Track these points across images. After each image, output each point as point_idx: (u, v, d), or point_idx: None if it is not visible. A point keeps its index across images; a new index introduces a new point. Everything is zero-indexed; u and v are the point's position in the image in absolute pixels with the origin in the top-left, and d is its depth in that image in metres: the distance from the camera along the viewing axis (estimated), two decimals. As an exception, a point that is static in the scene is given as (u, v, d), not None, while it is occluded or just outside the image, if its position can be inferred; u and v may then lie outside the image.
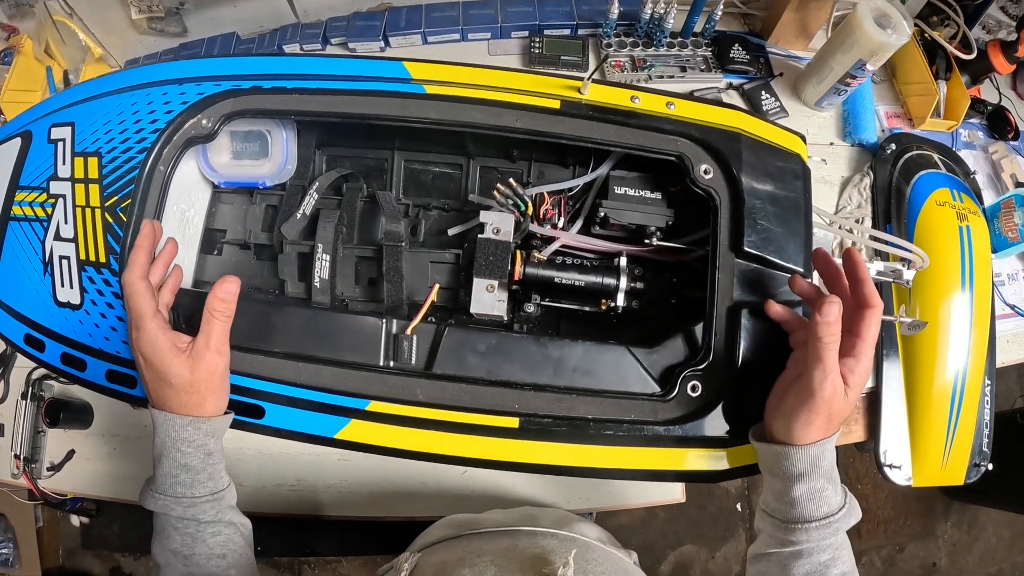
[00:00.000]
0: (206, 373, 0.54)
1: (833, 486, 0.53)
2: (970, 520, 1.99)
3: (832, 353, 0.50)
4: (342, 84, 0.64)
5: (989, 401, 0.87)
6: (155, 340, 0.53)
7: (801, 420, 0.51)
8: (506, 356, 0.60)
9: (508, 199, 0.66)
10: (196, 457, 0.54)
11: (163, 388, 0.54)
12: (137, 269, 0.55)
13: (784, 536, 0.53)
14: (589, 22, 0.98)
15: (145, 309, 0.53)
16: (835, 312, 0.50)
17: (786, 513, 0.53)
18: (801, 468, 0.52)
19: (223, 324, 0.55)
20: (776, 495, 0.54)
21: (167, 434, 0.54)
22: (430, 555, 0.55)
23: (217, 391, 0.55)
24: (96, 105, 0.68)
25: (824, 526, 0.51)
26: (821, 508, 0.52)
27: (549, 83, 0.66)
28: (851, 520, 0.53)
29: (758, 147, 0.66)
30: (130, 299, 0.54)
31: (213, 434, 0.56)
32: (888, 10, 0.85)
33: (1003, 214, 0.92)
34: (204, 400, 0.54)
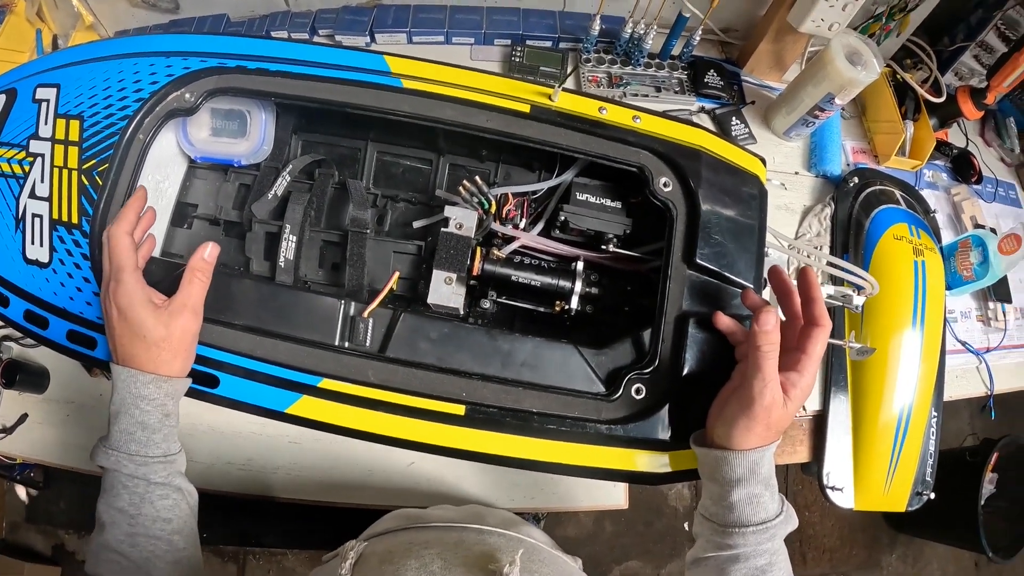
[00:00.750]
0: (180, 331, 0.55)
1: (771, 493, 0.54)
2: (915, 554, 2.02)
3: (771, 362, 0.52)
4: (324, 71, 0.66)
5: (935, 432, 0.89)
6: (134, 292, 0.54)
7: (740, 426, 0.53)
8: (458, 345, 0.62)
9: (473, 196, 0.68)
10: (154, 416, 0.55)
11: (134, 343, 0.54)
12: (125, 224, 0.56)
13: (722, 540, 0.54)
14: (571, 36, 1.01)
15: (127, 262, 0.55)
16: (772, 321, 0.52)
17: (724, 517, 0.54)
18: (740, 473, 0.53)
19: (203, 284, 0.57)
20: (714, 500, 0.55)
21: (128, 390, 0.54)
22: (376, 544, 0.55)
23: (186, 352, 0.57)
24: (84, 70, 0.69)
25: (761, 531, 0.52)
26: (759, 513, 0.53)
27: (522, 88, 0.68)
28: (788, 527, 0.54)
29: (717, 165, 0.69)
30: (114, 250, 0.55)
31: (173, 395, 0.56)
32: (860, 48, 0.89)
33: (960, 253, 0.95)
34: (174, 358, 0.55)
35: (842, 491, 0.87)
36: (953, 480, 1.50)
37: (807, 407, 0.89)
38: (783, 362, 0.54)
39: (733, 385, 0.58)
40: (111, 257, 0.56)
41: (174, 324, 0.55)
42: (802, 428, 0.90)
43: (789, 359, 0.54)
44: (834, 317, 0.92)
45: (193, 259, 0.57)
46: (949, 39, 1.04)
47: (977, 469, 1.51)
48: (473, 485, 0.85)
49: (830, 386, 0.89)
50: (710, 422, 0.58)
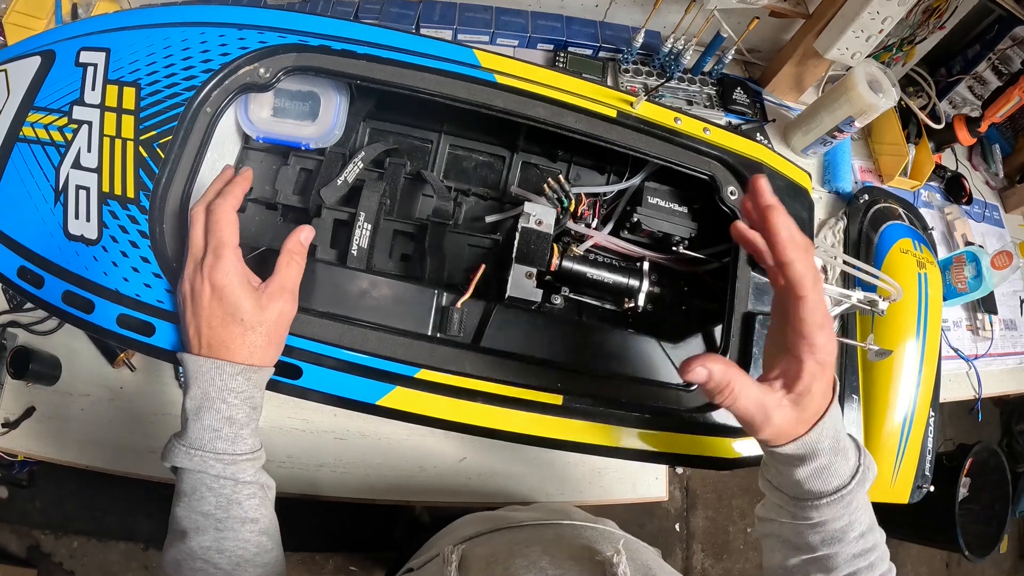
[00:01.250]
0: (277, 315, 0.53)
1: (842, 456, 0.48)
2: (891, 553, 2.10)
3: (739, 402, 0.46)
4: (412, 59, 0.65)
5: (932, 431, 0.97)
6: (233, 270, 0.51)
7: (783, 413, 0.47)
8: (550, 337, 0.63)
9: (555, 194, 0.69)
10: (242, 410, 0.52)
11: (228, 326, 0.51)
12: (233, 200, 0.54)
13: (794, 510, 0.50)
14: (611, 47, 1.04)
15: (230, 239, 0.52)
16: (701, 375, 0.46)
17: (792, 490, 0.50)
18: (801, 453, 0.48)
19: (300, 267, 0.55)
20: (780, 471, 0.50)
21: (213, 383, 0.50)
22: (475, 547, 0.53)
23: (280, 338, 0.54)
24: (139, 35, 0.64)
25: (836, 500, 0.48)
26: (831, 482, 0.48)
27: (606, 93, 0.70)
28: (866, 483, 0.49)
29: (776, 177, 0.73)
30: (218, 225, 0.52)
31: (260, 386, 0.53)
32: (880, 77, 0.96)
33: (954, 267, 1.04)
34: (268, 344, 0.53)
35: (853, 485, 0.93)
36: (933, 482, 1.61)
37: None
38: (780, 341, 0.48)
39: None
40: (213, 232, 0.52)
41: (272, 307, 0.52)
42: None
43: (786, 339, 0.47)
44: (847, 322, 0.98)
45: (290, 241, 0.55)
46: (947, 70, 1.14)
47: (953, 473, 1.63)
48: (523, 480, 0.86)
49: (844, 386, 0.95)
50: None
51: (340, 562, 1.48)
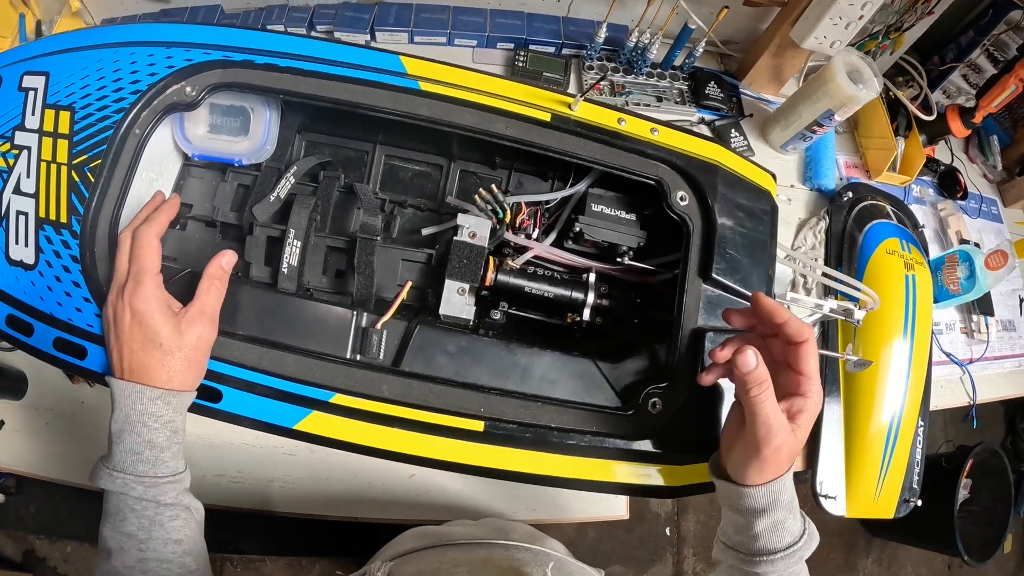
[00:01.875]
0: (196, 339, 0.53)
1: (793, 515, 0.53)
2: (890, 557, 2.07)
3: (766, 404, 0.49)
4: (336, 70, 0.64)
5: (921, 441, 0.92)
6: (152, 296, 0.52)
7: (753, 467, 0.51)
8: (475, 359, 0.60)
9: (488, 205, 0.67)
10: (163, 434, 0.52)
11: (148, 351, 0.51)
12: (156, 227, 0.55)
13: (748, 568, 0.53)
14: (574, 43, 1.00)
15: (150, 265, 0.53)
16: (750, 361, 0.48)
17: (748, 547, 0.53)
18: (762, 504, 0.51)
19: (220, 292, 0.55)
20: (737, 529, 0.54)
21: (133, 407, 0.51)
22: (403, 565, 0.54)
23: (200, 363, 0.54)
24: (75, 58, 0.64)
25: (788, 555, 0.51)
26: (784, 539, 0.52)
27: (541, 95, 0.67)
28: (812, 545, 0.53)
29: (732, 180, 0.69)
30: (140, 252, 0.53)
31: (181, 410, 0.54)
32: (861, 66, 0.90)
33: (947, 267, 0.98)
34: (187, 369, 0.53)
35: (835, 499, 0.89)
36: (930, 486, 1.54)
37: (802, 418, 0.90)
38: (783, 385, 0.52)
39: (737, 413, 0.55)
40: (135, 258, 0.53)
41: (191, 332, 0.53)
42: (797, 439, 0.91)
43: (789, 382, 0.52)
44: (828, 331, 0.93)
45: (211, 266, 0.55)
46: (939, 58, 1.07)
47: (953, 475, 1.56)
48: (475, 497, 0.84)
49: (824, 396, 0.90)
50: (723, 453, 0.57)
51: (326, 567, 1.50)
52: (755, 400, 0.49)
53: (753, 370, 0.49)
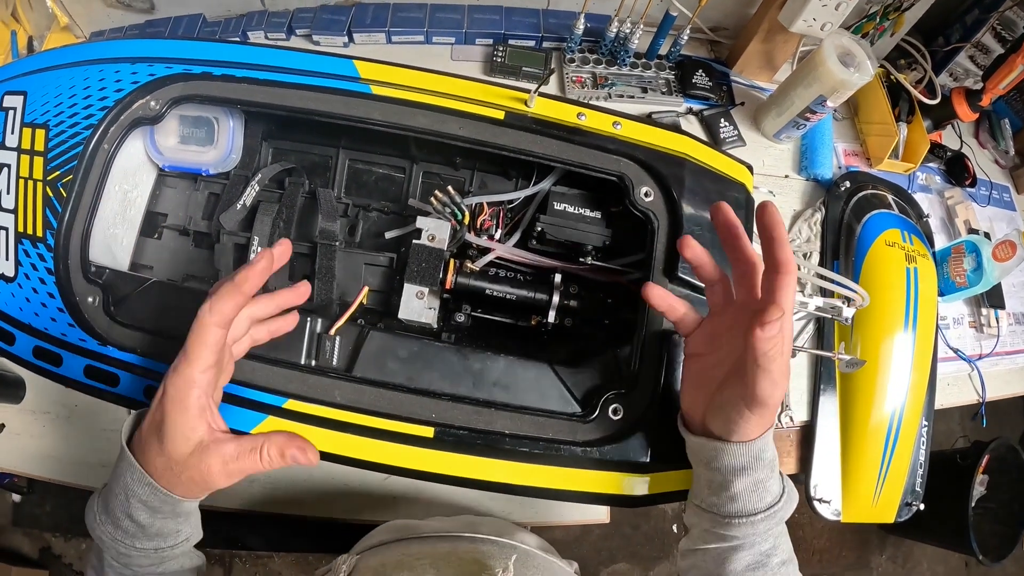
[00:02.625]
0: (198, 473, 0.46)
1: (774, 473, 0.50)
2: (905, 554, 2.01)
3: (779, 361, 0.44)
4: (291, 77, 0.64)
5: (925, 442, 0.88)
6: (187, 391, 0.45)
7: (749, 423, 0.47)
8: (427, 364, 0.60)
9: (445, 207, 0.66)
10: (146, 516, 0.47)
11: (153, 436, 0.46)
12: (219, 311, 0.45)
13: (724, 531, 0.50)
14: (554, 36, 0.98)
15: (200, 356, 0.45)
16: (777, 328, 0.43)
17: (725, 508, 0.49)
18: (744, 462, 0.48)
19: (259, 468, 0.48)
20: (713, 489, 0.50)
21: (124, 479, 0.46)
22: (369, 557, 0.54)
23: (194, 491, 0.48)
24: (50, 76, 0.67)
25: (768, 516, 0.48)
26: (764, 499, 0.48)
27: (496, 93, 0.66)
28: (791, 506, 0.50)
29: (702, 173, 0.67)
30: (191, 336, 0.45)
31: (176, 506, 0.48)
32: (853, 49, 0.86)
33: (953, 259, 0.93)
34: (174, 486, 0.46)
35: (829, 503, 0.86)
36: (944, 482, 1.48)
37: (794, 418, 0.87)
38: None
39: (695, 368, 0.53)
40: (188, 339, 0.45)
41: (198, 461, 0.46)
42: (790, 439, 0.88)
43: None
44: (824, 326, 0.90)
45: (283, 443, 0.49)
46: (944, 39, 1.01)
47: (968, 471, 1.49)
48: (451, 494, 0.83)
49: (818, 396, 0.87)
50: (691, 409, 0.54)
51: (337, 558, 1.52)
52: (770, 359, 0.44)
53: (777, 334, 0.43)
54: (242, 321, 0.53)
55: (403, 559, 0.50)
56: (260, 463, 0.48)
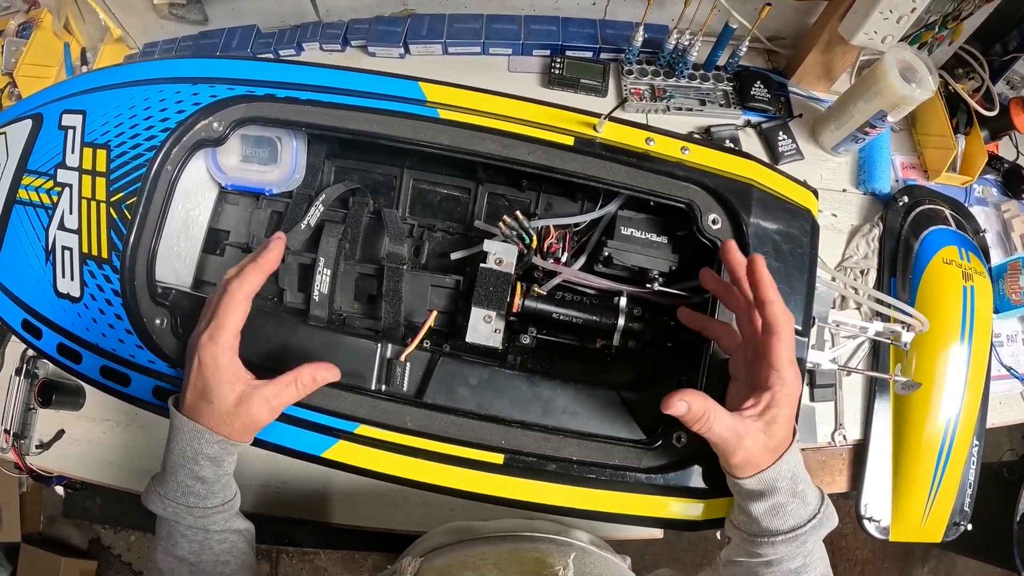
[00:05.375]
0: (248, 418, 0.52)
1: (799, 500, 0.52)
2: (947, 568, 1.99)
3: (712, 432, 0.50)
4: (355, 100, 0.64)
5: (975, 461, 0.87)
6: (221, 357, 0.52)
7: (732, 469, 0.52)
8: (497, 391, 0.60)
9: (513, 231, 0.66)
10: (211, 470, 0.53)
11: (200, 403, 0.52)
12: (247, 286, 0.54)
13: (751, 548, 0.53)
14: (612, 47, 0.97)
15: (230, 324, 0.52)
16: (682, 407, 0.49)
17: (750, 528, 0.53)
18: (758, 490, 0.51)
19: (298, 396, 0.54)
20: (741, 509, 0.54)
21: (189, 444, 0.52)
22: (433, 559, 0.55)
23: (249, 432, 0.54)
24: (110, 96, 0.67)
25: (791, 539, 0.51)
26: (787, 522, 0.51)
27: (564, 117, 0.65)
28: (823, 530, 0.52)
29: (769, 200, 0.66)
30: (225, 307, 0.52)
31: (233, 452, 0.55)
32: (915, 63, 0.84)
33: (1009, 275, 0.92)
34: (231, 433, 0.53)
35: (879, 522, 0.86)
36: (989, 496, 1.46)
37: (847, 436, 0.87)
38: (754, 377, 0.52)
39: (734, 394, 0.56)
40: (217, 312, 0.53)
41: (246, 408, 0.52)
42: (842, 458, 0.88)
43: (759, 372, 0.51)
44: (879, 346, 0.89)
45: (305, 368, 0.54)
46: (1002, 47, 0.99)
47: (1015, 485, 1.47)
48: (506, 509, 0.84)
49: (872, 416, 0.86)
50: None
51: (379, 561, 1.55)
52: (701, 432, 0.50)
53: (686, 414, 0.49)
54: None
55: (467, 559, 0.52)
56: (297, 392, 0.54)
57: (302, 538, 1.44)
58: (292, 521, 0.84)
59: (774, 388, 0.50)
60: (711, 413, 0.49)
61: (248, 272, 0.54)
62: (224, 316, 0.52)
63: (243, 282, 0.54)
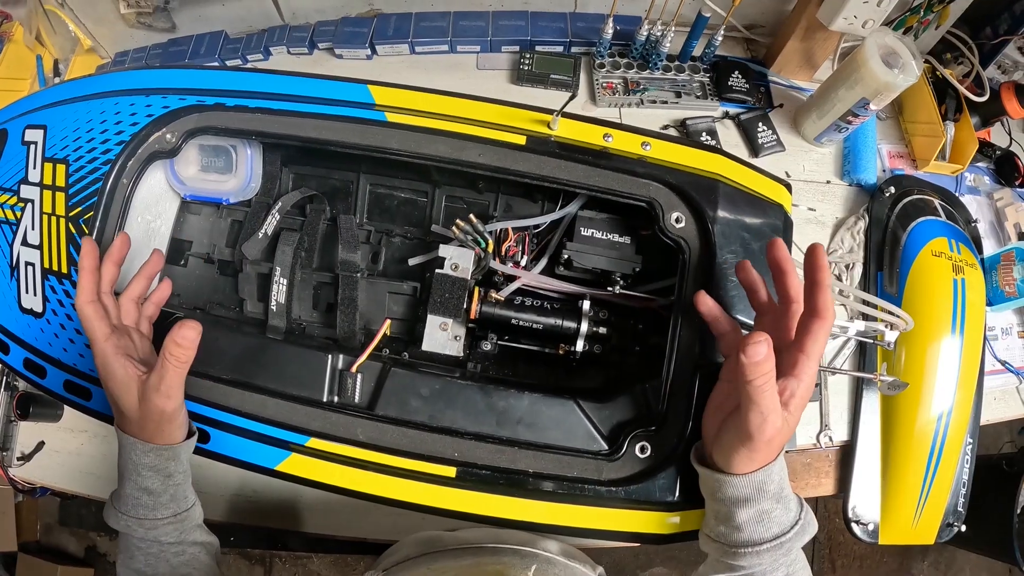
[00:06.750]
0: (154, 411, 0.52)
1: (783, 505, 0.50)
2: (947, 561, 1.95)
3: (767, 394, 0.46)
4: (304, 106, 0.63)
5: (969, 460, 0.84)
6: (106, 365, 0.52)
7: (741, 456, 0.49)
8: (449, 402, 0.59)
9: (468, 235, 0.64)
10: (156, 480, 0.53)
11: (119, 414, 0.53)
12: (83, 293, 0.53)
13: (732, 561, 0.50)
14: (583, 40, 0.94)
15: (95, 333, 0.52)
16: (763, 352, 0.44)
17: (732, 538, 0.50)
18: (746, 494, 0.49)
19: (178, 370, 0.52)
20: (720, 519, 0.52)
21: (128, 457, 0.53)
22: (396, 574, 0.54)
23: (166, 428, 0.54)
24: (68, 110, 0.67)
25: (775, 547, 0.49)
26: (771, 529, 0.49)
27: (518, 116, 0.64)
28: (805, 537, 0.50)
29: (736, 196, 0.63)
30: (83, 324, 0.53)
31: (174, 458, 0.55)
32: (898, 48, 0.81)
33: (1002, 267, 0.88)
34: (155, 434, 0.53)
35: (867, 525, 0.83)
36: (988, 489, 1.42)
37: (833, 438, 0.84)
38: (778, 363, 0.48)
39: (721, 396, 0.54)
40: (83, 328, 0.53)
41: (147, 405, 0.52)
42: (828, 459, 0.85)
43: (786, 359, 0.48)
44: (864, 344, 0.86)
45: (167, 343, 0.51)
46: (991, 30, 0.94)
47: (1014, 479, 1.43)
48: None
49: (859, 416, 0.83)
50: (706, 440, 0.55)
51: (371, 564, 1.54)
52: (757, 390, 0.45)
53: (762, 361, 0.44)
54: (127, 306, 0.58)
55: (428, 574, 0.51)
56: (174, 366, 0.51)
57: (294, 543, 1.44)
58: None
59: (801, 376, 0.47)
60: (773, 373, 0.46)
61: (78, 281, 0.54)
62: (86, 328, 0.53)
63: (78, 290, 0.54)
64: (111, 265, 0.58)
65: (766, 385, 0.45)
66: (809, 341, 0.48)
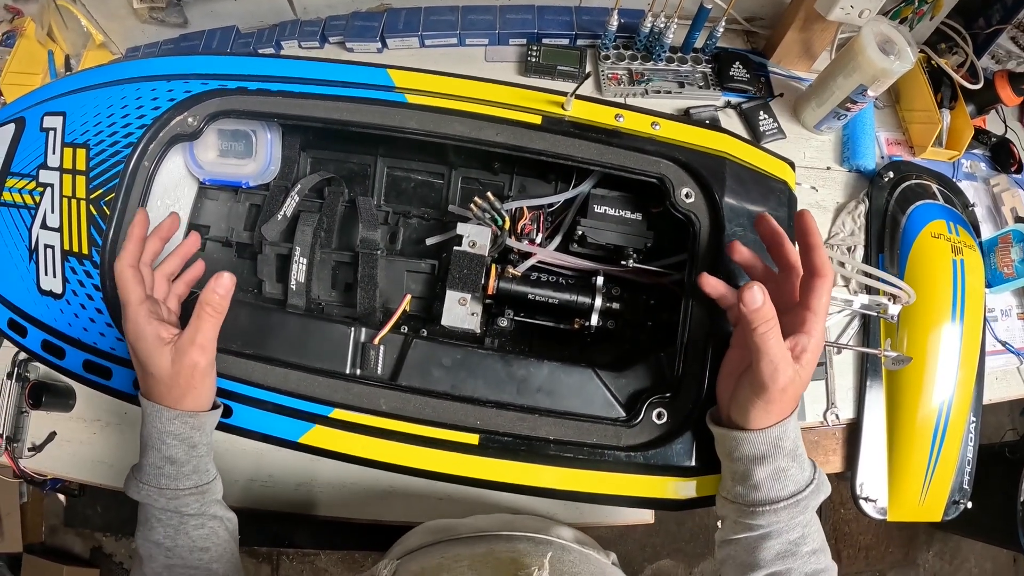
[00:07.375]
0: (187, 368, 0.53)
1: (798, 464, 0.51)
2: (952, 550, 1.97)
3: (773, 341, 0.48)
4: (325, 89, 0.65)
5: (973, 438, 0.85)
6: (138, 328, 0.53)
7: (758, 409, 0.50)
8: (471, 372, 0.60)
9: (485, 213, 0.66)
10: (180, 450, 0.54)
11: (146, 378, 0.54)
12: (126, 256, 0.55)
13: (750, 521, 0.51)
14: (588, 33, 0.97)
15: (130, 297, 0.53)
16: (758, 297, 0.47)
17: (750, 497, 0.51)
18: (763, 450, 0.50)
19: (213, 320, 0.53)
20: (737, 479, 0.53)
21: (153, 425, 0.54)
22: (409, 562, 0.55)
23: (198, 387, 0.54)
24: (88, 96, 0.68)
25: (792, 504, 0.50)
26: (787, 487, 0.50)
27: (532, 97, 0.65)
28: (820, 496, 0.52)
29: (743, 172, 0.65)
30: (119, 285, 0.54)
31: (199, 428, 0.55)
32: (893, 36, 0.84)
33: (1000, 249, 0.90)
34: (184, 395, 0.54)
35: (875, 502, 0.84)
36: (992, 477, 1.44)
37: (840, 416, 0.85)
38: (786, 324, 0.50)
39: (734, 359, 0.56)
40: (119, 291, 0.54)
41: (180, 362, 0.52)
42: (835, 437, 0.86)
43: (793, 319, 0.51)
44: (869, 322, 0.88)
45: (205, 293, 0.53)
46: (985, 20, 0.97)
47: (1017, 465, 1.45)
48: (495, 499, 0.83)
49: (864, 394, 0.85)
50: (721, 400, 0.56)
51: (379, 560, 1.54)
52: (762, 338, 0.47)
53: (760, 307, 0.47)
54: (160, 281, 0.60)
55: (442, 562, 0.52)
56: (211, 315, 0.53)
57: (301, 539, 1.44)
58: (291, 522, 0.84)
59: (811, 332, 0.50)
60: (776, 321, 0.48)
61: (122, 246, 0.56)
62: (121, 291, 0.54)
63: (120, 254, 0.55)
64: (157, 240, 0.60)
65: (770, 332, 0.48)
66: (813, 298, 0.50)
